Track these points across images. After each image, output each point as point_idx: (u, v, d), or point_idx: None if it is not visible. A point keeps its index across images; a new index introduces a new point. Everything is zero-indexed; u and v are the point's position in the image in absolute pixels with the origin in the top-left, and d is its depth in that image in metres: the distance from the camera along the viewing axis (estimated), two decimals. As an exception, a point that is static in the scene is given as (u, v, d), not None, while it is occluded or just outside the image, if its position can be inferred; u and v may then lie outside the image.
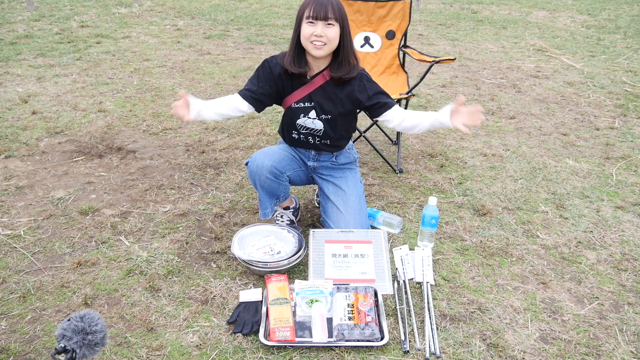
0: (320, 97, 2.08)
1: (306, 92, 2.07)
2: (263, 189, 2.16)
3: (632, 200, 2.70)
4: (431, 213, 2.14)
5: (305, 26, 1.91)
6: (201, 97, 4.03)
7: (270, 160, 2.09)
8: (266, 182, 2.11)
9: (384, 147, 3.29)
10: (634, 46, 6.19)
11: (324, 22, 1.89)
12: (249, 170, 2.16)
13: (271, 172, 2.09)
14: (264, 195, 2.19)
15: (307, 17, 1.90)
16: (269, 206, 2.22)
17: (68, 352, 1.33)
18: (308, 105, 2.09)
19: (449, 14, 8.15)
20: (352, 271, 2.03)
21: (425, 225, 2.18)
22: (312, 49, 1.94)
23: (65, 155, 3.06)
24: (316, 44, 1.92)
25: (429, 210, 2.14)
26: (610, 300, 1.98)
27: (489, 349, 1.72)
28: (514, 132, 3.56)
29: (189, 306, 1.88)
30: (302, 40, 1.95)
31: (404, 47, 3.16)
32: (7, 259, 2.12)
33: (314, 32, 1.90)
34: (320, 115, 2.10)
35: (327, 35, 1.90)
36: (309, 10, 1.89)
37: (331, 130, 2.14)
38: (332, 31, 1.91)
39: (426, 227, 2.18)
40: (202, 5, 8.12)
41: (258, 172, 2.10)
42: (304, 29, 1.92)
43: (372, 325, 1.76)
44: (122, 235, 2.30)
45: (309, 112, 2.10)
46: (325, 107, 2.09)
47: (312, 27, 1.90)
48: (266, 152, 2.14)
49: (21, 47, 5.29)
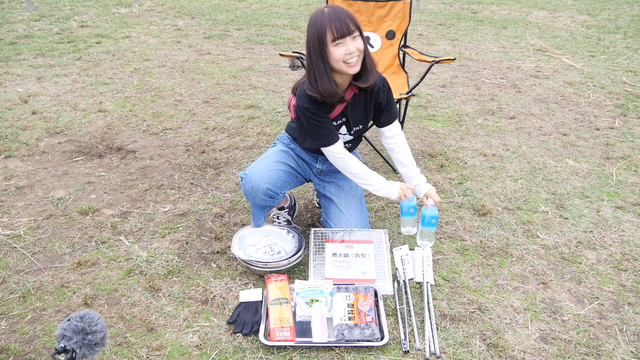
0: (351, 111, 2.03)
1: (340, 109, 2.02)
2: (257, 206, 2.14)
3: (632, 200, 2.70)
4: (431, 213, 2.14)
5: (334, 49, 1.78)
6: (201, 97, 4.05)
7: (265, 183, 2.01)
8: (261, 202, 2.09)
9: (384, 147, 3.28)
10: (634, 46, 6.19)
11: (350, 37, 1.78)
12: (243, 189, 2.08)
13: (266, 194, 2.03)
14: (256, 210, 2.17)
15: (333, 40, 1.77)
16: (261, 217, 2.20)
17: (68, 352, 1.33)
18: (340, 122, 2.06)
19: (449, 14, 8.15)
20: (353, 271, 2.03)
21: (425, 225, 2.17)
22: (347, 69, 1.82)
23: (65, 155, 3.06)
24: (351, 62, 1.81)
25: (429, 210, 2.14)
26: (610, 300, 1.98)
27: (489, 349, 1.72)
28: (514, 132, 3.56)
29: (189, 306, 1.88)
30: (335, 64, 1.82)
31: (404, 47, 3.16)
32: (7, 259, 2.12)
33: (346, 51, 1.78)
34: (350, 130, 2.08)
35: (358, 48, 1.81)
36: (331, 32, 1.76)
37: (358, 139, 2.17)
38: (360, 42, 1.81)
39: (426, 227, 2.18)
40: (202, 5, 8.12)
41: (252, 194, 2.04)
42: (334, 53, 1.79)
43: (372, 325, 1.76)
44: (122, 235, 2.30)
45: (339, 128, 2.07)
46: (356, 119, 2.06)
47: (343, 47, 1.78)
48: (262, 170, 2.04)
49: (21, 47, 5.29)
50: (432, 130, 3.56)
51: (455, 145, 3.33)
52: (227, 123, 3.57)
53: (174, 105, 3.88)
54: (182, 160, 3.03)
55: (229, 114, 3.75)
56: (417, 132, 3.52)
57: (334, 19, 1.76)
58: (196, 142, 3.27)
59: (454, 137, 3.46)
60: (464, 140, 3.40)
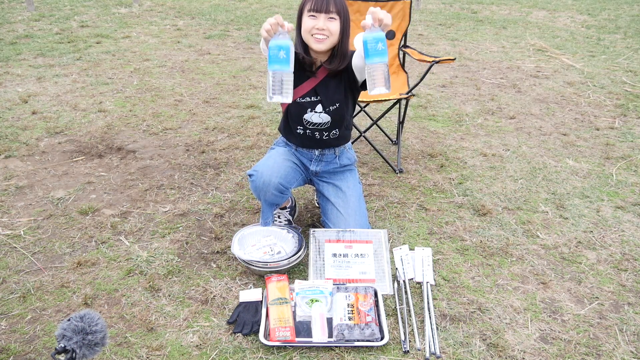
0: (324, 89, 2.05)
1: (311, 85, 2.04)
2: (266, 202, 2.13)
3: (632, 200, 2.70)
4: (373, 35, 1.56)
5: (307, 19, 1.88)
6: (201, 97, 4.05)
7: (277, 177, 2.04)
8: (271, 198, 2.09)
9: (384, 147, 3.29)
10: (634, 46, 6.19)
11: (326, 15, 1.86)
12: (253, 185, 2.09)
13: (277, 188, 2.05)
14: (266, 207, 2.17)
15: (309, 10, 1.87)
16: (270, 215, 2.20)
17: (68, 352, 1.33)
18: (314, 100, 2.06)
19: (449, 14, 8.15)
20: (352, 271, 2.03)
21: (370, 55, 1.57)
22: (313, 43, 1.91)
23: (65, 155, 3.06)
24: (317, 37, 1.89)
25: (368, 32, 1.58)
26: (610, 300, 1.98)
27: (489, 349, 1.72)
28: (514, 132, 3.56)
29: (189, 306, 1.88)
30: (303, 34, 1.92)
31: (404, 47, 3.16)
32: (7, 259, 2.12)
33: (315, 25, 1.87)
34: (327, 107, 2.06)
35: (329, 29, 1.87)
36: (310, 3, 1.86)
37: (339, 117, 2.09)
38: (334, 25, 1.88)
39: (371, 59, 1.56)
40: (202, 5, 8.12)
41: (264, 189, 2.05)
42: (305, 22, 1.89)
43: (372, 325, 1.76)
44: (122, 235, 2.30)
45: (315, 106, 2.06)
46: (331, 97, 2.05)
47: (314, 21, 1.87)
48: (271, 166, 2.07)
49: (21, 47, 5.29)
50: (432, 130, 3.56)
51: (455, 145, 3.33)
52: (227, 123, 3.57)
53: (174, 105, 3.88)
54: (182, 160, 3.03)
55: (229, 114, 3.75)
56: (417, 132, 3.52)
57: None
58: (196, 142, 3.27)
59: (454, 137, 3.46)
60: (464, 140, 3.40)
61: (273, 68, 1.62)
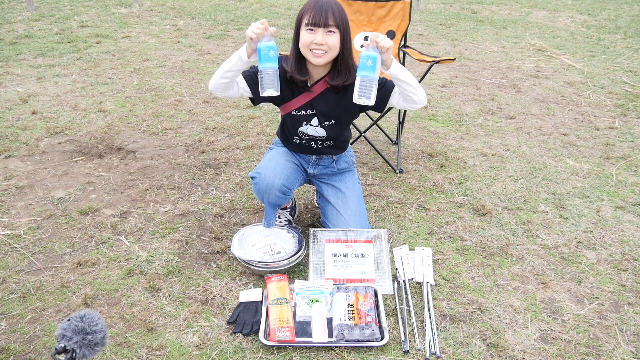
0: (321, 104, 2.02)
1: (307, 99, 2.01)
2: (269, 203, 2.12)
3: (632, 200, 2.70)
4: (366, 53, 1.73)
5: (305, 33, 1.82)
6: (201, 97, 4.05)
7: (280, 179, 2.02)
8: (274, 199, 2.07)
9: (384, 147, 3.29)
10: (634, 46, 6.19)
11: (324, 29, 1.79)
12: (256, 187, 2.07)
13: (281, 190, 2.04)
14: (269, 208, 2.16)
15: (307, 24, 1.80)
16: (273, 217, 2.19)
17: (68, 352, 1.33)
18: (310, 113, 2.04)
19: (449, 14, 8.15)
20: (352, 271, 2.03)
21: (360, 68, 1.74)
22: (311, 58, 1.85)
23: (65, 155, 3.06)
24: (316, 53, 1.83)
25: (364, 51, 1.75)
26: (610, 300, 1.98)
27: (489, 349, 1.72)
28: (514, 132, 3.56)
29: (189, 306, 1.88)
30: (301, 48, 1.86)
31: (404, 47, 3.16)
32: (7, 259, 2.12)
33: (313, 40, 1.80)
34: (322, 122, 2.05)
35: (328, 44, 1.81)
36: (308, 17, 1.79)
37: (334, 134, 2.10)
38: (333, 39, 1.81)
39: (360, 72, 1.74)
40: (202, 5, 8.12)
41: (268, 191, 2.03)
42: (303, 37, 1.83)
43: (372, 325, 1.76)
44: (122, 235, 2.30)
45: (310, 119, 2.05)
46: (327, 113, 2.04)
47: (312, 35, 1.81)
48: (274, 168, 2.05)
49: (21, 47, 5.29)
50: (432, 130, 3.56)
51: (455, 145, 3.33)
52: (227, 123, 3.57)
53: (174, 105, 3.88)
54: (182, 160, 3.03)
55: (229, 114, 3.75)
56: (417, 132, 3.52)
57: (317, 7, 1.79)
58: (196, 142, 3.27)
59: (454, 137, 3.46)
60: (464, 140, 3.40)
61: (265, 66, 1.77)
